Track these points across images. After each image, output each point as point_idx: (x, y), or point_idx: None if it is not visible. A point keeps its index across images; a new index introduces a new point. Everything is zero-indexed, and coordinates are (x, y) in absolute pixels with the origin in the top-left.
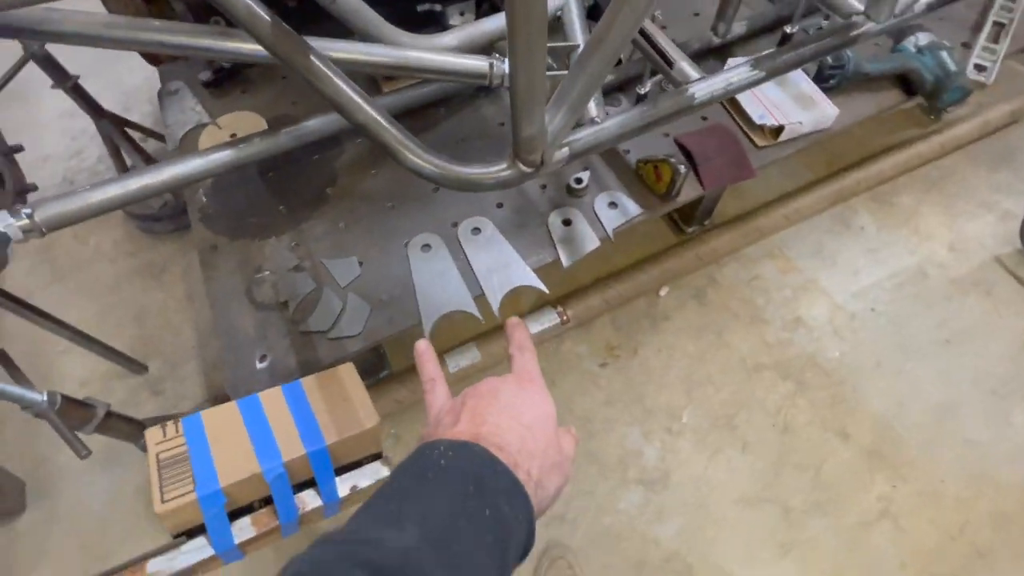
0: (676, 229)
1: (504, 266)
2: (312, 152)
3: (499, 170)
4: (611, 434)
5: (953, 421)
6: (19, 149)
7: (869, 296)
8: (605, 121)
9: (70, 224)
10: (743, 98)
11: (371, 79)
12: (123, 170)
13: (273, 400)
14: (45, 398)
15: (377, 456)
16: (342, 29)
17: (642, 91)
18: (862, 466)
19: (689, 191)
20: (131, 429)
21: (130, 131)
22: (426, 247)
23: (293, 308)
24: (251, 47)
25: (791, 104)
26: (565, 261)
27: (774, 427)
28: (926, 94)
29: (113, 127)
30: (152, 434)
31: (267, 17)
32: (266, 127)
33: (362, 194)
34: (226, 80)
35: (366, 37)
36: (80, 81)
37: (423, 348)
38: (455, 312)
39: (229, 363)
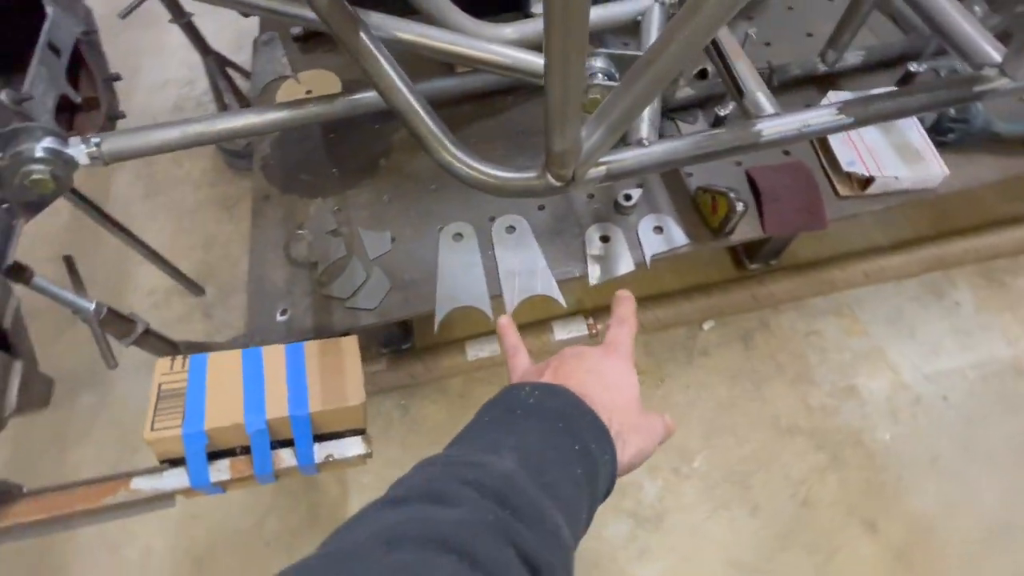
0: (737, 262)
1: (529, 271)
2: (374, 121)
3: (527, 178)
4: None
5: (1008, 545)
6: (117, 78)
7: (944, 382)
8: (653, 145)
9: (131, 158)
10: (834, 137)
11: None
12: (221, 106)
13: (274, 357)
14: (93, 307)
15: (360, 432)
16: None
17: (722, 113)
18: (883, 567)
19: (746, 230)
20: (165, 348)
21: (232, 71)
22: (458, 236)
23: (321, 270)
24: (307, 11)
25: (891, 154)
26: (593, 279)
27: (793, 498)
28: None
29: (216, 66)
30: (161, 364)
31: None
32: (340, 88)
33: (410, 172)
34: (314, 37)
35: (430, 19)
36: (199, 19)
37: (505, 323)
38: (469, 307)
39: (253, 309)
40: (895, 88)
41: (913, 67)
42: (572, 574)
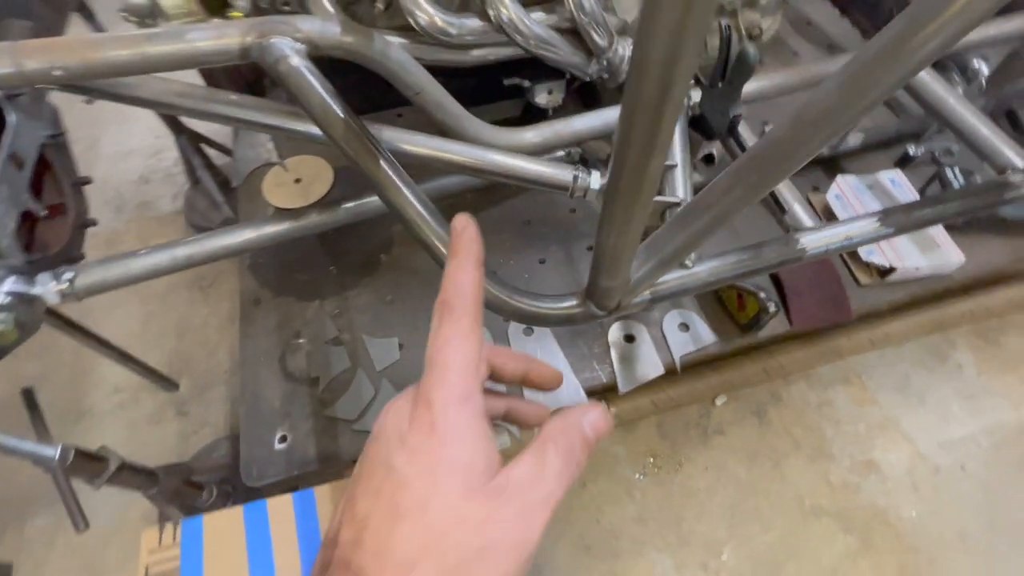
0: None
1: None
2: None
3: (568, 307)
4: (639, 559)
5: None
6: (87, 181)
7: (960, 451)
8: (696, 266)
9: (109, 290)
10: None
11: None
12: (194, 181)
13: (281, 510)
14: (57, 454)
15: None
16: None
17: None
18: None
19: (774, 325)
20: (142, 480)
21: (207, 146)
22: None
23: (323, 387)
24: (318, 132)
25: (908, 243)
26: (622, 386)
27: None
28: None
29: (189, 143)
30: (148, 538)
31: (341, 114)
32: (332, 176)
33: (414, 268)
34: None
35: (446, 131)
36: None
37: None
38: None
39: (247, 437)
40: (931, 196)
41: (911, 150)
42: None
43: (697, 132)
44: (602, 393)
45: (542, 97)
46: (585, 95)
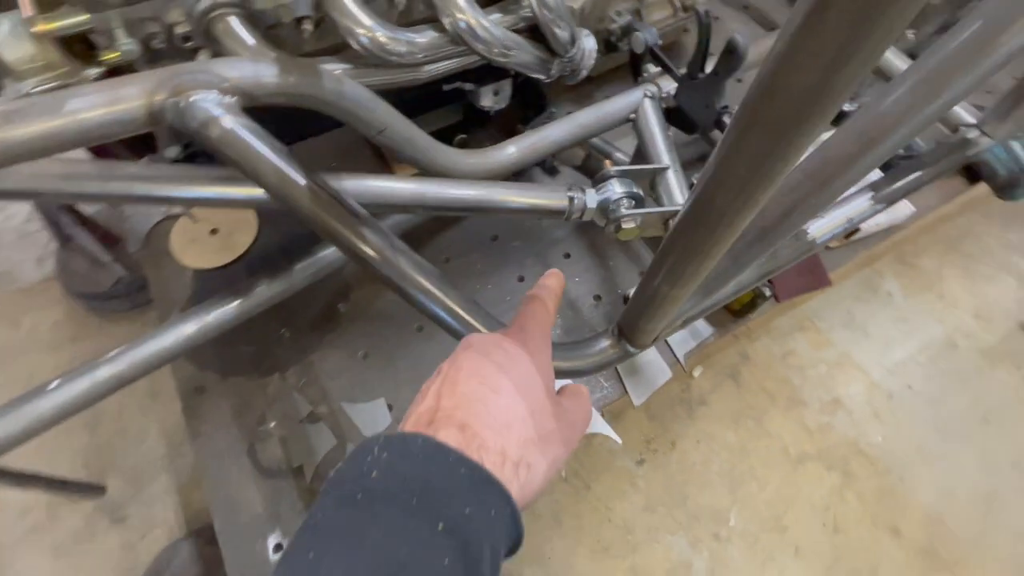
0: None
1: None
2: None
3: (602, 353)
4: (656, 545)
5: (1001, 512)
6: None
7: (904, 372)
8: (722, 288)
9: (9, 450)
10: None
11: (378, 155)
12: (63, 239)
13: None
14: None
15: None
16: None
17: None
18: (917, 567)
19: (764, 306)
20: None
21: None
22: None
23: (311, 475)
24: (260, 196)
25: None
26: (636, 399)
27: (824, 527)
28: (997, 187)
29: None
30: None
31: (302, 180)
32: (256, 219)
33: (382, 311)
34: (201, 154)
35: (416, 165)
36: None
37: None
38: None
39: (233, 556)
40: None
41: (846, 107)
42: None
43: (675, 126)
44: (630, 421)
45: (488, 100)
46: (523, 91)
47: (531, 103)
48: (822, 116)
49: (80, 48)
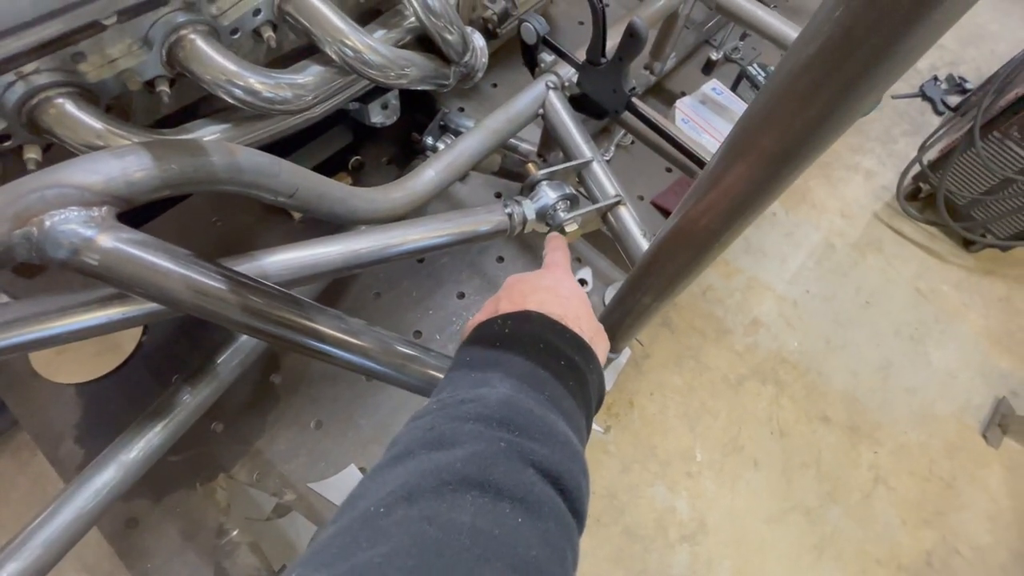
0: None
1: None
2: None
3: None
4: (640, 500)
5: (894, 376)
6: None
7: (801, 280)
8: None
9: None
10: (690, 139)
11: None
12: None
13: None
14: None
15: None
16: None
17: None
18: (847, 443)
19: None
20: None
21: None
22: None
23: None
24: (158, 308)
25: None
26: (607, 385)
27: (772, 434)
28: None
29: None
30: None
31: (215, 282)
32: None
33: (323, 372)
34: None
35: (334, 219)
36: None
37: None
38: None
39: None
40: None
41: (713, 55)
42: (588, 477)
43: (583, 112)
44: None
45: (378, 116)
46: (410, 98)
47: (420, 107)
48: (815, 151)
49: None
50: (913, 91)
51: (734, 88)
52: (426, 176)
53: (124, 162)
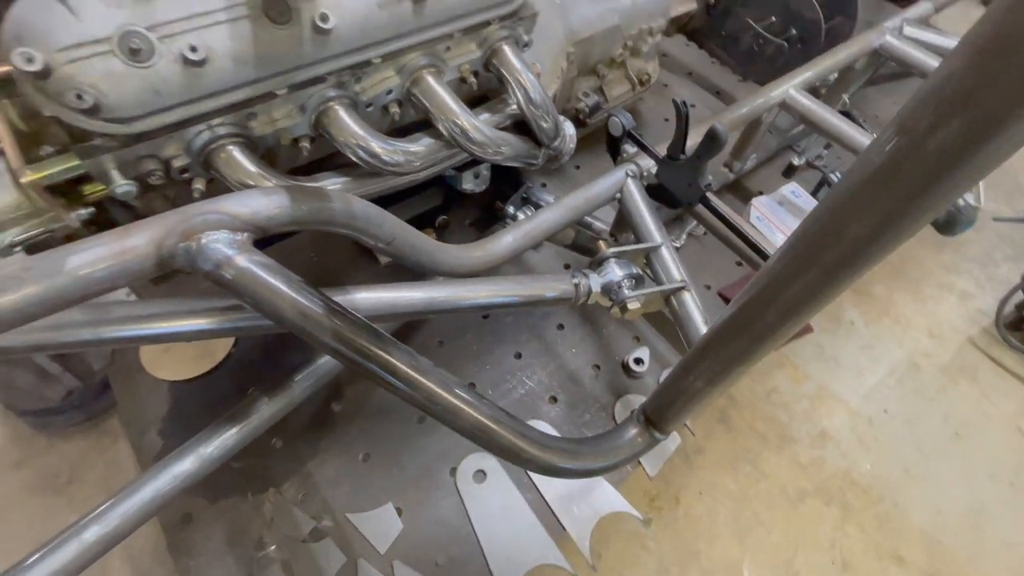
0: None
1: (583, 491)
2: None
3: (632, 443)
4: None
5: (988, 524)
6: None
7: (878, 397)
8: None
9: None
10: (764, 239)
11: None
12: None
13: None
14: None
15: None
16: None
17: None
18: None
19: None
20: None
21: None
22: (480, 474)
23: None
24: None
25: None
26: (651, 470)
27: (833, 565)
28: (937, 226)
29: None
30: None
31: (320, 310)
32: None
33: (380, 406)
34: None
35: (422, 269)
36: None
37: None
38: (540, 567)
39: None
40: None
41: (795, 160)
42: None
43: (658, 201)
44: (633, 480)
45: (469, 183)
46: (500, 171)
47: (507, 179)
48: (872, 261)
49: (63, 185)
50: (1018, 215)
51: (814, 193)
52: (504, 241)
53: (268, 200)
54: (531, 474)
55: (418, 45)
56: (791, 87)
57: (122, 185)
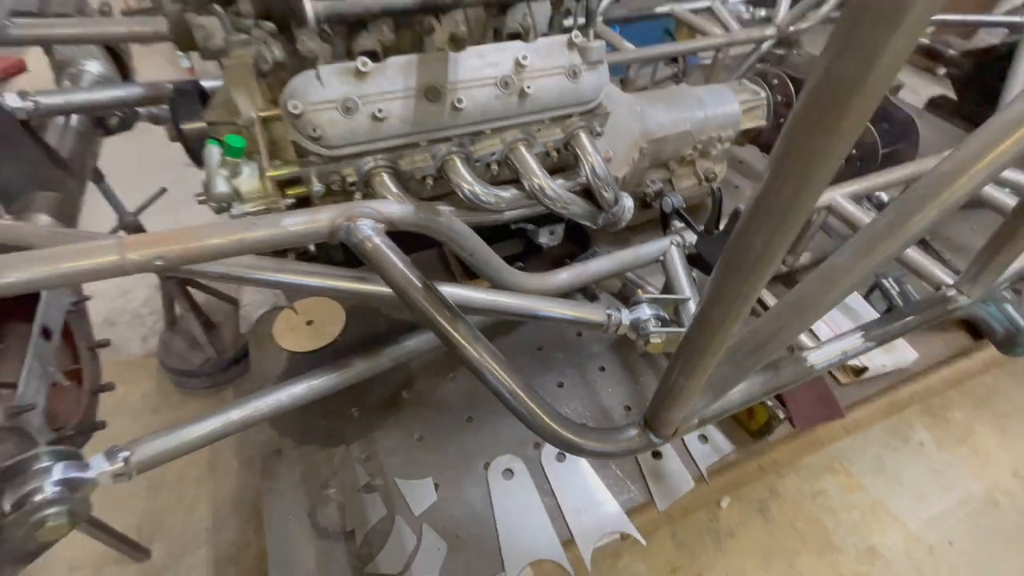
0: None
1: (595, 505)
2: None
3: (629, 439)
4: None
5: None
6: (104, 344)
7: (943, 526)
8: (732, 391)
9: (163, 463)
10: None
11: (448, 269)
12: (171, 321)
13: None
14: None
15: None
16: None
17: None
18: None
19: (780, 429)
20: None
21: (193, 289)
22: (508, 472)
23: (360, 540)
24: (386, 293)
25: None
26: (660, 504)
27: None
28: (997, 343)
29: (177, 286)
30: None
31: (419, 284)
32: (344, 316)
33: (439, 402)
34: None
35: (491, 282)
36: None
37: None
38: (542, 561)
39: None
40: (895, 312)
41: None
42: None
43: (697, 268)
44: (641, 511)
45: (544, 237)
46: (573, 233)
47: (578, 242)
48: (765, 272)
49: (284, 182)
50: None
51: (866, 296)
52: (560, 276)
53: (401, 207)
54: (551, 482)
55: (518, 125)
56: (838, 194)
57: (317, 187)
